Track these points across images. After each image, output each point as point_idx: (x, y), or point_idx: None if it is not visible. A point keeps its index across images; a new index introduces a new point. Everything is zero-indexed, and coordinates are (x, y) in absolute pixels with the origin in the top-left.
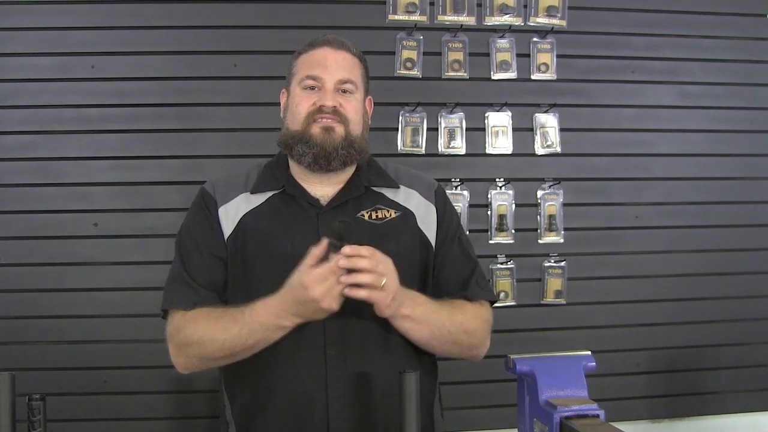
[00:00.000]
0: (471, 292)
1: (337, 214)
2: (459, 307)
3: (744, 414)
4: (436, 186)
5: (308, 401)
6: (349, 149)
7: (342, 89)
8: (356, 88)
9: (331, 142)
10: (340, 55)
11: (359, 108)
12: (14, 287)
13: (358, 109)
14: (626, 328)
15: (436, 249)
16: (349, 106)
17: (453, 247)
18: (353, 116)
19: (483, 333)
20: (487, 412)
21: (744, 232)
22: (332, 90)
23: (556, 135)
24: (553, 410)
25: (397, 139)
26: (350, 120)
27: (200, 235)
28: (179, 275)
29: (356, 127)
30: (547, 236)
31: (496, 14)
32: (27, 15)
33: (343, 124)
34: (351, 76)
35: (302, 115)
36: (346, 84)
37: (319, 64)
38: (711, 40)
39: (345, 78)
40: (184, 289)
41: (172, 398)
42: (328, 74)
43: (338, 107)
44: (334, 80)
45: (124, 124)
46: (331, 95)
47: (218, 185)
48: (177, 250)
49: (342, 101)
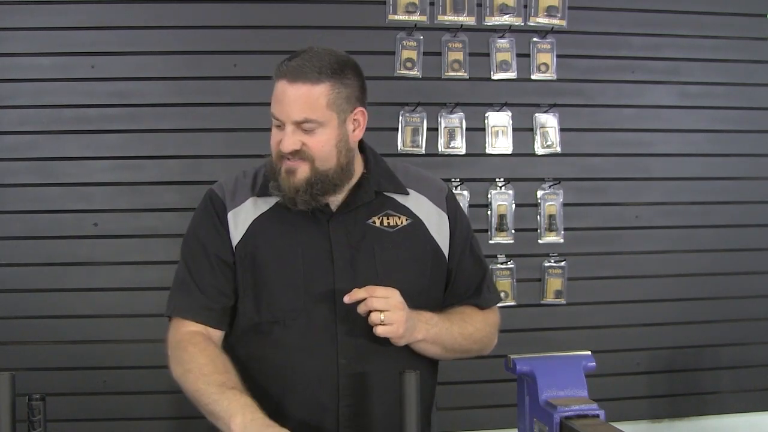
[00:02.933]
0: (482, 300)
1: (347, 220)
2: (469, 317)
3: (744, 414)
4: (447, 191)
5: (319, 409)
6: (312, 190)
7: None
8: (319, 124)
9: (290, 186)
10: (297, 90)
11: (328, 140)
12: (14, 287)
13: (326, 143)
14: (626, 328)
15: (449, 258)
16: (312, 142)
17: (465, 256)
18: (319, 153)
19: (491, 338)
20: (487, 412)
21: (744, 232)
22: (291, 132)
23: (556, 135)
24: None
25: (397, 139)
26: (316, 157)
27: (208, 240)
28: (185, 282)
29: (327, 162)
30: (547, 236)
31: (496, 14)
32: (27, 15)
33: (308, 161)
34: (309, 113)
35: (273, 152)
36: (304, 124)
37: (278, 101)
38: (711, 40)
39: (301, 118)
40: (190, 298)
41: (172, 398)
42: (286, 114)
43: (300, 147)
44: (290, 121)
45: (124, 124)
46: (291, 139)
47: (227, 188)
48: (183, 255)
49: (304, 139)
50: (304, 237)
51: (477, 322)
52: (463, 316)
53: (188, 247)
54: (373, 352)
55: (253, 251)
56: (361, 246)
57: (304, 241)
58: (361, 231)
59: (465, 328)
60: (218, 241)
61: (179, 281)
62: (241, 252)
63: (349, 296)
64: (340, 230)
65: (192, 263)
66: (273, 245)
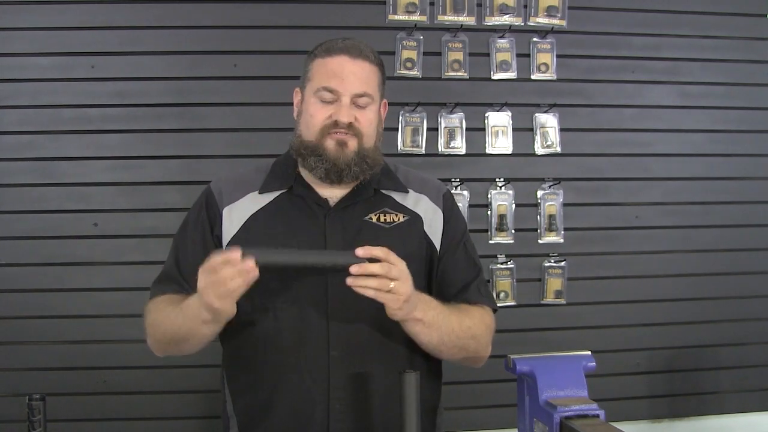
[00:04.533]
0: (471, 295)
1: (344, 216)
2: (466, 311)
3: (744, 414)
4: (445, 190)
5: (310, 401)
6: (362, 164)
7: (357, 104)
8: (372, 100)
9: (344, 159)
10: (358, 65)
11: (374, 119)
12: (14, 287)
13: (373, 121)
14: (626, 328)
15: (440, 252)
16: (364, 119)
17: (457, 251)
18: (368, 130)
19: (487, 339)
20: (487, 412)
21: (744, 232)
22: (348, 104)
23: (556, 135)
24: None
25: (397, 139)
26: (364, 134)
27: (196, 235)
28: (170, 271)
29: (370, 140)
30: (547, 236)
31: (496, 14)
32: (27, 15)
33: (357, 137)
34: (367, 88)
35: (317, 127)
36: (362, 98)
37: (336, 75)
38: (711, 40)
39: (361, 92)
40: (171, 285)
41: (172, 398)
42: (345, 87)
43: (353, 122)
44: (350, 94)
45: (124, 124)
46: (347, 110)
47: (225, 185)
48: (173, 245)
49: (357, 115)
50: (299, 231)
51: (474, 318)
52: (460, 309)
53: (178, 239)
54: (365, 345)
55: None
56: (356, 241)
57: (299, 234)
58: (358, 227)
59: (463, 320)
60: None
61: (165, 271)
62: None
63: (365, 250)
64: (337, 225)
65: (179, 255)
66: (267, 237)
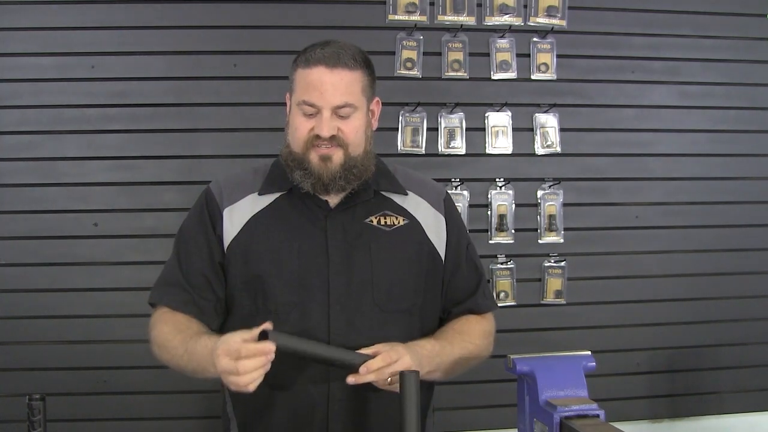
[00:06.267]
0: (477, 306)
1: (345, 217)
2: (467, 330)
3: (743, 414)
4: (444, 195)
5: (309, 402)
6: (348, 176)
7: (339, 114)
8: (355, 108)
9: (328, 173)
10: (337, 75)
11: (360, 126)
12: (14, 287)
13: (359, 129)
14: (626, 328)
15: (445, 261)
16: (348, 129)
17: (461, 260)
18: (353, 138)
19: (488, 347)
20: (487, 412)
21: (744, 232)
22: (329, 117)
23: (556, 135)
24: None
25: (397, 139)
26: (350, 143)
27: (199, 236)
28: (172, 273)
29: (357, 148)
30: (547, 236)
31: (496, 14)
32: (27, 15)
33: (342, 148)
34: (348, 98)
35: (301, 140)
36: (343, 108)
37: (315, 88)
38: (711, 40)
39: (342, 103)
40: (175, 289)
41: (173, 398)
42: (324, 100)
43: (336, 133)
44: (330, 107)
45: (124, 124)
46: (328, 124)
47: (225, 186)
48: (174, 247)
49: (341, 125)
50: (301, 232)
51: (476, 338)
52: (461, 332)
53: (180, 240)
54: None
55: (248, 246)
56: (357, 243)
57: (301, 236)
58: (358, 229)
59: (465, 345)
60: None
61: (167, 272)
62: (236, 248)
63: (367, 367)
64: (337, 227)
65: (182, 257)
66: (269, 239)
